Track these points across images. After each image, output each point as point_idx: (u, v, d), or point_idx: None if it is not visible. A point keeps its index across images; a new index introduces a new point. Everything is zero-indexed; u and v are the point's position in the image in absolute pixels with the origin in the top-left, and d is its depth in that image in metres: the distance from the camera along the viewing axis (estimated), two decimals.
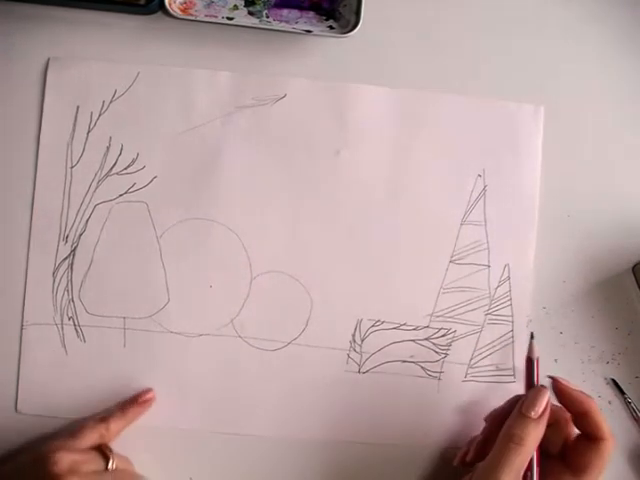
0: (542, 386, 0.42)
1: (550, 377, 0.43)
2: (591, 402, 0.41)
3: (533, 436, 0.39)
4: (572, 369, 0.48)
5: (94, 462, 0.42)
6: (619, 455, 0.48)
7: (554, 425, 0.42)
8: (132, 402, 0.45)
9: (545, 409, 0.40)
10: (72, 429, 0.44)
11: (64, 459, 0.40)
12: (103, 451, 0.43)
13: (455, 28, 0.50)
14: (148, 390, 0.46)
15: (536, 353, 0.44)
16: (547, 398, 0.41)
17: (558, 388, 0.42)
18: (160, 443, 0.46)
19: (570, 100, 0.50)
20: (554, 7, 0.51)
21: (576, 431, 0.42)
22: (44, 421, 0.46)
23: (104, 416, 0.44)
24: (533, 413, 0.40)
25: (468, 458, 0.44)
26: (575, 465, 0.41)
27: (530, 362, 0.44)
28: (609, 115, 0.50)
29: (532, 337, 0.46)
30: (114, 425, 0.44)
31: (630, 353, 0.49)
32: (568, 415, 0.42)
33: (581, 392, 0.42)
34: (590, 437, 0.41)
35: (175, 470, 0.46)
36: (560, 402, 0.42)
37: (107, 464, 0.42)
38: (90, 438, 0.43)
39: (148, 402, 0.46)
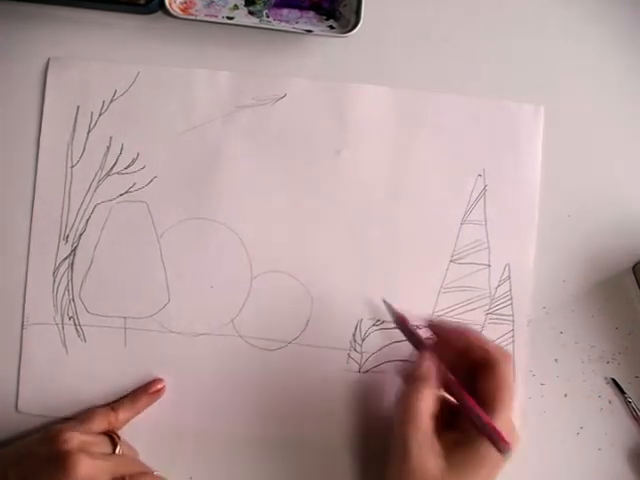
0: (422, 349, 0.42)
1: (427, 322, 0.42)
2: (468, 332, 0.41)
3: (424, 403, 0.39)
4: (572, 369, 0.48)
5: (102, 445, 0.42)
6: (619, 455, 0.48)
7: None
8: (142, 392, 0.46)
9: (426, 371, 0.40)
10: (81, 415, 0.44)
11: (74, 438, 0.41)
12: (111, 436, 0.43)
13: (455, 28, 0.50)
14: (159, 380, 0.46)
15: (400, 312, 0.44)
16: (427, 359, 0.40)
17: (434, 331, 0.42)
18: (160, 443, 0.46)
19: (570, 100, 0.50)
20: (554, 7, 0.51)
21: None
22: (44, 421, 0.46)
23: (114, 405, 0.45)
24: (415, 380, 0.40)
25: None
26: (485, 402, 0.39)
27: (402, 322, 0.43)
28: (609, 115, 0.50)
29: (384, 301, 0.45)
30: (123, 414, 0.45)
31: (630, 353, 0.49)
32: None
33: (457, 326, 0.41)
34: (485, 366, 0.40)
35: (175, 470, 0.46)
36: (442, 341, 0.42)
37: (114, 449, 0.43)
38: (99, 424, 0.44)
39: (159, 392, 0.46)
